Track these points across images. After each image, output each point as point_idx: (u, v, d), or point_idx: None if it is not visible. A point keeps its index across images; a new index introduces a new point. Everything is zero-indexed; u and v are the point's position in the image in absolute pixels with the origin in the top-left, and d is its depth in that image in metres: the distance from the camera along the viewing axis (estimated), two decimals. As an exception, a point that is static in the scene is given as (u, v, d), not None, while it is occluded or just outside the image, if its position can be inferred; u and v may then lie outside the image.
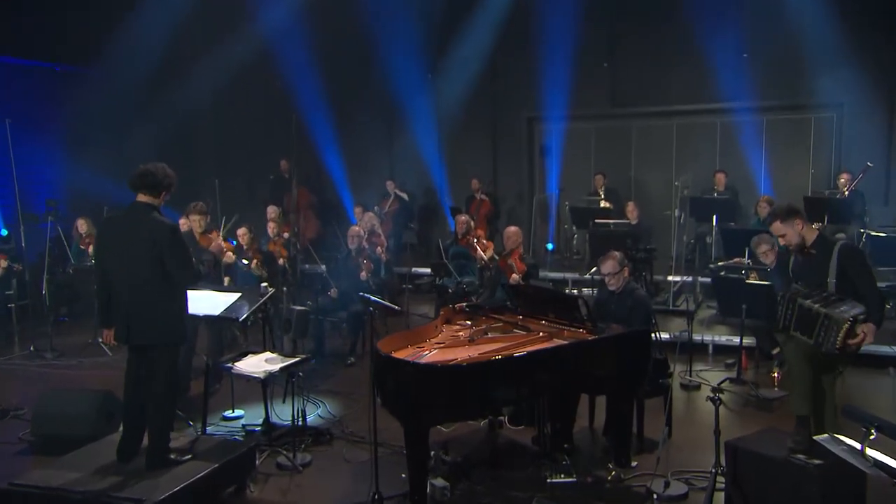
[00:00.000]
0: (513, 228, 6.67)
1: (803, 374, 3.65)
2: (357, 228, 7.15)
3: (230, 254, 5.74)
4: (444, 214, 10.93)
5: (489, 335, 4.24)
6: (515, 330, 4.33)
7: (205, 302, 4.47)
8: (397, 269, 8.74)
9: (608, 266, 4.59)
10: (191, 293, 4.55)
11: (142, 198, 3.74)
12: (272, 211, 8.72)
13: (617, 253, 4.70)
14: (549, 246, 10.06)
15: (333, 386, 5.82)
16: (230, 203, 9.12)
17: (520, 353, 3.80)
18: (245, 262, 5.53)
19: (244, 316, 4.30)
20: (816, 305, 3.52)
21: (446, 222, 10.72)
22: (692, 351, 6.15)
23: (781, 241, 3.86)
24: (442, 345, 4.08)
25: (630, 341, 4.12)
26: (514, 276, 6.01)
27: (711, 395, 3.63)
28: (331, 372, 6.22)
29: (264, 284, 4.47)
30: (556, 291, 5.52)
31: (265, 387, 4.53)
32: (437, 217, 11.32)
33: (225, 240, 5.55)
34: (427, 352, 3.92)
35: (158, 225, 3.67)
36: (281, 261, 7.22)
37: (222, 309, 4.38)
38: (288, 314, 4.77)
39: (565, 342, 4.03)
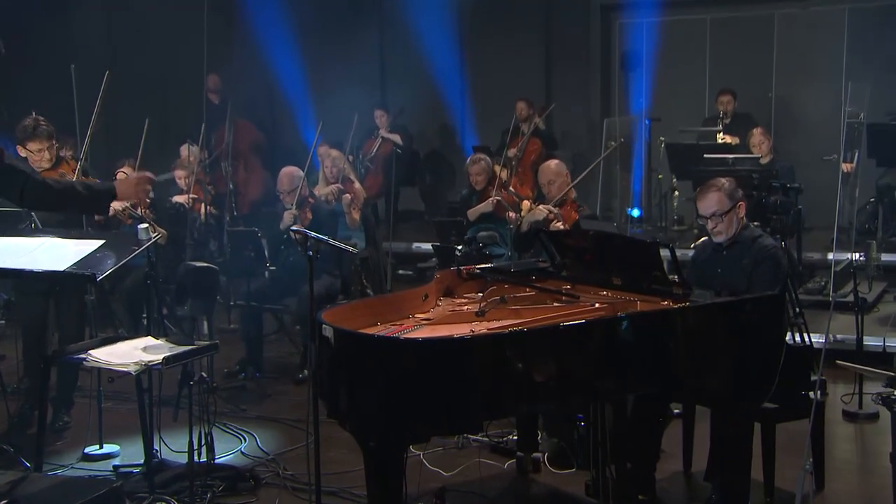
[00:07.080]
0: (553, 165, 6.48)
1: None
2: (292, 169, 6.72)
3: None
4: (464, 162, 10.82)
5: (510, 307, 4.19)
6: (555, 304, 4.26)
7: (46, 252, 4.37)
8: (389, 246, 8.61)
9: (708, 202, 4.45)
10: (19, 241, 4.49)
11: None
12: (187, 153, 8.39)
13: (723, 180, 4.55)
14: (634, 211, 9.97)
15: (271, 411, 5.88)
16: (122, 137, 9.09)
17: (556, 324, 3.79)
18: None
19: (106, 273, 4.17)
20: None
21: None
22: (864, 362, 5.91)
23: None
24: (430, 321, 4.07)
25: (750, 316, 4.01)
26: (557, 225, 5.91)
27: (881, 393, 3.49)
28: (269, 390, 6.28)
29: (144, 226, 4.28)
30: (621, 235, 5.40)
31: (141, 392, 4.44)
32: (455, 166, 11.27)
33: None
34: (407, 329, 3.93)
35: None
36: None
37: (72, 262, 4.27)
38: (182, 274, 4.61)
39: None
